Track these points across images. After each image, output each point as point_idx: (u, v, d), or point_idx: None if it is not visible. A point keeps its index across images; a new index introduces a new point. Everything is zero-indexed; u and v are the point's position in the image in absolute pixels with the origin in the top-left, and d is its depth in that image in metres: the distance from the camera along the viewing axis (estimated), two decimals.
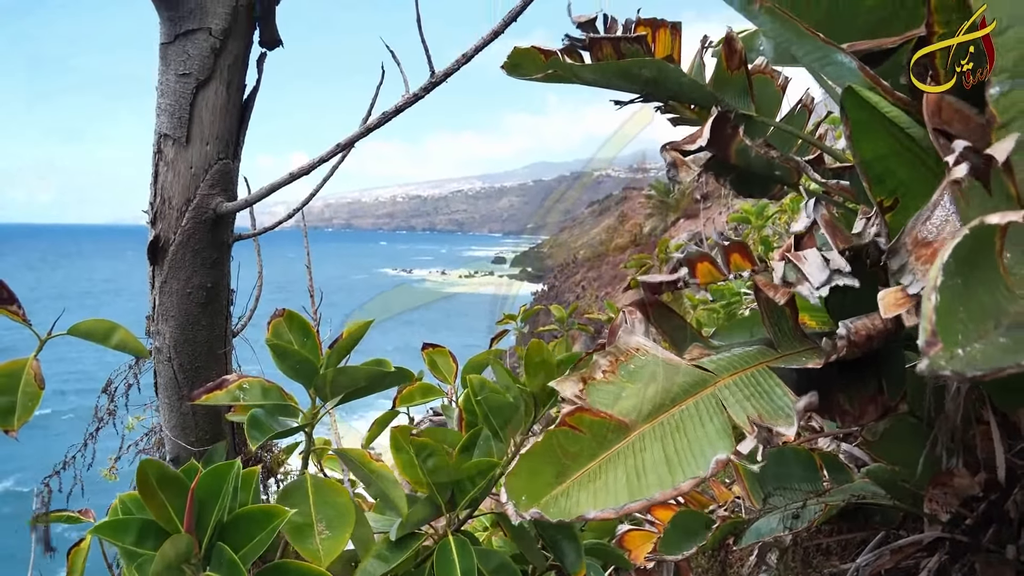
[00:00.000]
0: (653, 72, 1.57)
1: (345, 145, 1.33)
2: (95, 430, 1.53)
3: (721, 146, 1.62)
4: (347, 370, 1.19)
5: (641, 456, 0.85)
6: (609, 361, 1.02)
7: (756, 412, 0.90)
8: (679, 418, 0.91)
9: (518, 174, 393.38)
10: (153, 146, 1.38)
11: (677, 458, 0.84)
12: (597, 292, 19.24)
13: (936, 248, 0.82)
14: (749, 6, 0.98)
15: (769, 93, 1.83)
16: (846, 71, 0.97)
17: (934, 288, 0.56)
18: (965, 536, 1.42)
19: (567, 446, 0.87)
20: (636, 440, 0.88)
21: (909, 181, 0.94)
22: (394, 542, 1.16)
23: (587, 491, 0.82)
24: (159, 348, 1.44)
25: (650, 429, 0.89)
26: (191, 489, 0.88)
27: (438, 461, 1.16)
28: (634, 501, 0.79)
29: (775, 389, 0.96)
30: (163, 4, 1.30)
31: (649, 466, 0.83)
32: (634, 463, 0.84)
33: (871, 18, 1.02)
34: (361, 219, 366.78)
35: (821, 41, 0.96)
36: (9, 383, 1.19)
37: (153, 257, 1.38)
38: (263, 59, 1.44)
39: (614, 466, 0.84)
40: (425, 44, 1.24)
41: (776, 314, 1.08)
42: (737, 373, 1.00)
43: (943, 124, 0.82)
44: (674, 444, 0.86)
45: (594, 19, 1.73)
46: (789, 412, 0.91)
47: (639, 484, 0.81)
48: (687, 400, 0.94)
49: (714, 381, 0.98)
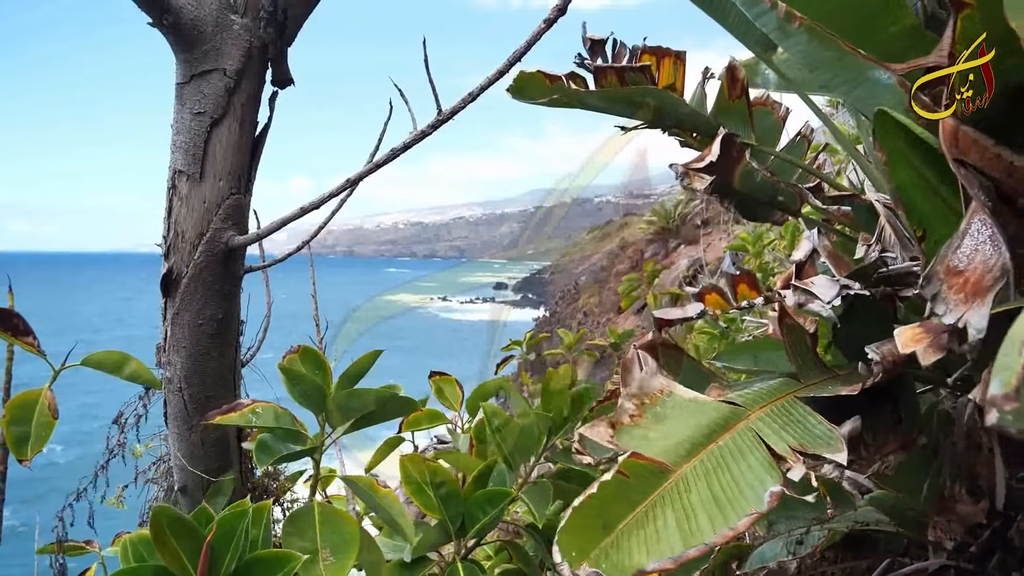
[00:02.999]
0: (656, 101, 1.59)
1: (354, 181, 1.37)
2: (106, 461, 1.55)
3: (727, 168, 1.64)
4: (358, 392, 1.21)
5: (687, 497, 0.82)
6: (635, 404, 1.00)
7: (796, 442, 0.88)
8: (719, 455, 0.88)
9: (519, 200, 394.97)
10: (167, 181, 1.42)
11: (725, 496, 0.80)
12: (599, 318, 19.23)
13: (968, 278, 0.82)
14: (787, 25, 0.99)
15: (769, 123, 1.87)
16: (881, 89, 0.97)
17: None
18: (970, 564, 1.42)
19: (610, 495, 0.83)
20: (679, 481, 0.84)
21: (929, 213, 0.96)
22: (403, 567, 1.17)
23: (637, 539, 0.78)
24: (170, 378, 1.46)
25: (691, 469, 0.86)
26: (206, 542, 0.88)
27: (450, 488, 1.18)
28: (692, 547, 0.75)
29: (808, 418, 0.94)
30: (180, 46, 1.35)
31: (698, 507, 0.80)
32: (681, 505, 0.80)
33: (893, 47, 1.03)
34: (363, 246, 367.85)
35: (861, 58, 0.96)
36: (24, 414, 1.21)
37: (166, 289, 1.41)
38: (275, 97, 1.49)
39: (661, 510, 0.80)
40: (432, 83, 1.29)
41: (799, 344, 1.08)
42: (766, 405, 0.99)
43: (961, 154, 0.84)
44: (719, 481, 0.83)
45: (605, 40, 1.75)
46: (831, 438, 0.90)
47: (690, 528, 0.77)
48: (723, 436, 0.91)
49: (746, 415, 0.96)
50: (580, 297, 23.34)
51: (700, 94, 1.85)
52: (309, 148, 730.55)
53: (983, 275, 0.82)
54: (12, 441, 1.15)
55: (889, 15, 1.05)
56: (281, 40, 1.42)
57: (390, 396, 1.21)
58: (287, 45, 1.44)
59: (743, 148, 1.60)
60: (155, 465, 1.65)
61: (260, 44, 1.39)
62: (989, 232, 0.83)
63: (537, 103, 1.71)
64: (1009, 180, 0.87)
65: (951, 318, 0.83)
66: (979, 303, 0.81)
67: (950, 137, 0.85)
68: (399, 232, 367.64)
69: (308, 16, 1.46)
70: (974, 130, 0.85)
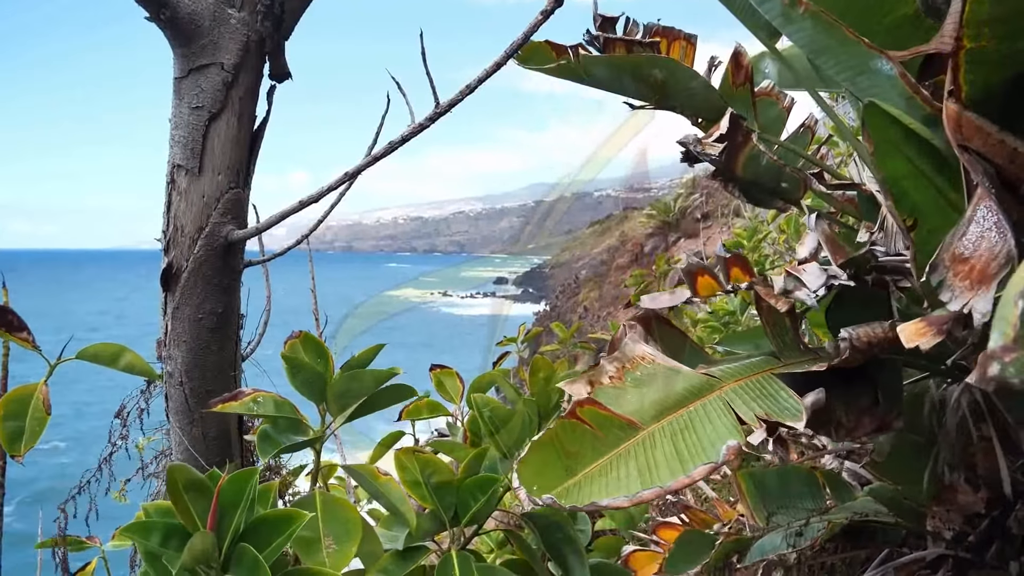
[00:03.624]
0: (664, 73, 1.56)
1: (352, 175, 1.37)
2: (109, 454, 1.56)
3: (732, 151, 1.62)
4: (358, 374, 1.23)
5: (651, 453, 0.86)
6: (616, 368, 1.03)
7: (763, 411, 0.91)
8: (688, 418, 0.92)
9: (519, 194, 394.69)
10: (166, 176, 1.42)
11: (687, 452, 0.85)
12: (599, 312, 19.23)
13: (974, 265, 0.83)
14: (791, 11, 0.99)
15: (774, 113, 1.85)
16: (883, 79, 0.97)
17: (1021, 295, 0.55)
18: (968, 553, 1.43)
19: (574, 442, 0.88)
20: (645, 438, 0.89)
21: (921, 202, 0.97)
22: (398, 556, 1.19)
23: (599, 484, 0.83)
24: (171, 373, 1.46)
25: (659, 428, 0.90)
26: (216, 491, 0.92)
27: (442, 478, 1.19)
28: (647, 489, 0.80)
29: (780, 392, 0.97)
30: (177, 40, 1.35)
31: (660, 461, 0.84)
32: (645, 459, 0.85)
33: (890, 37, 1.03)
34: (362, 241, 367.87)
35: (865, 46, 0.96)
36: (18, 409, 1.21)
37: (166, 284, 1.42)
38: (273, 91, 1.48)
39: (624, 462, 0.85)
40: (430, 76, 1.29)
41: (778, 325, 1.10)
42: (742, 379, 1.02)
43: (965, 140, 0.84)
44: (684, 441, 0.87)
45: (616, 19, 1.71)
46: (796, 410, 0.93)
47: (649, 477, 0.82)
48: (695, 402, 0.95)
49: (720, 385, 1.00)
50: (580, 291, 23.35)
51: (706, 80, 1.82)
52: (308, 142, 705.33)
53: (989, 262, 0.83)
54: (5, 437, 1.15)
55: (888, 3, 1.05)
56: (278, 34, 1.42)
57: (388, 376, 1.22)
58: (284, 39, 1.44)
59: (749, 132, 1.59)
60: (157, 459, 1.66)
61: (257, 38, 1.39)
62: (995, 219, 0.83)
63: (542, 71, 1.67)
64: (1012, 166, 0.87)
65: (957, 304, 0.83)
66: (985, 289, 0.82)
67: (954, 123, 0.85)
68: (398, 227, 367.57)
69: (305, 10, 1.46)
70: (978, 116, 0.84)
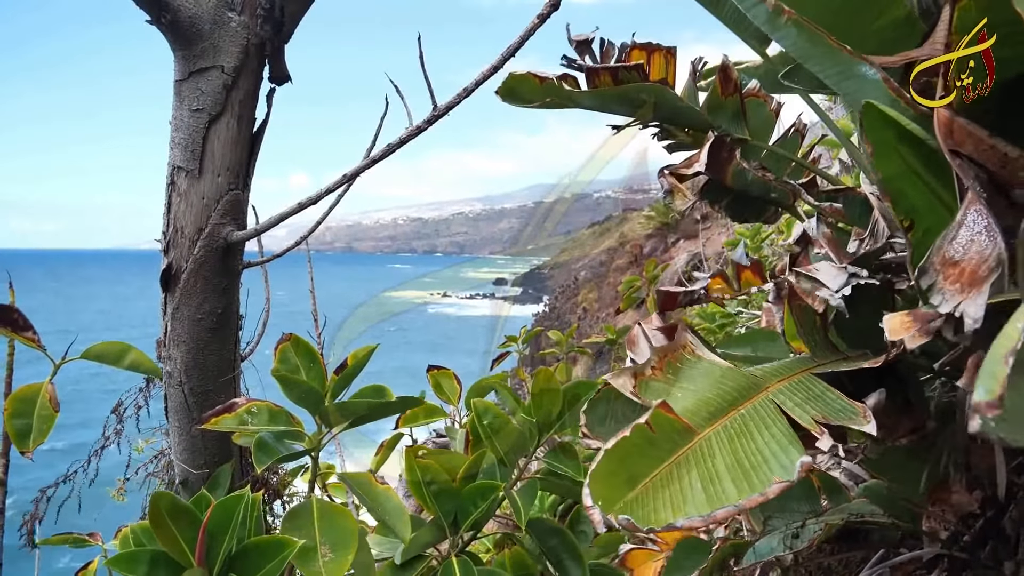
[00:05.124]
0: (652, 97, 1.59)
1: (351, 176, 1.38)
2: (100, 448, 1.56)
3: (718, 169, 1.66)
4: (349, 404, 1.22)
5: (712, 461, 0.83)
6: (658, 358, 1.01)
7: (818, 414, 0.89)
8: (741, 422, 0.89)
9: (518, 196, 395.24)
10: (167, 177, 1.43)
11: (749, 463, 0.82)
12: (598, 313, 19.24)
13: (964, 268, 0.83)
14: (776, 19, 0.99)
15: (762, 116, 1.87)
16: (868, 84, 0.97)
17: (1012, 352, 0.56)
18: (963, 553, 1.44)
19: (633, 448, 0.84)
20: (702, 443, 0.86)
21: (917, 204, 0.97)
22: (399, 566, 1.18)
23: (662, 496, 0.80)
24: (170, 373, 1.47)
25: (714, 433, 0.87)
26: (203, 525, 0.90)
27: (441, 485, 1.19)
28: (721, 508, 0.77)
29: (827, 393, 0.96)
30: (178, 43, 1.36)
31: (723, 472, 0.81)
32: (706, 468, 0.82)
33: (879, 39, 1.04)
34: (362, 242, 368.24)
35: (847, 54, 0.97)
36: (25, 407, 1.23)
37: (165, 284, 1.43)
38: (272, 94, 1.49)
39: (686, 471, 0.82)
40: (427, 79, 1.30)
41: (809, 324, 1.09)
42: (784, 379, 1.00)
43: (956, 145, 0.84)
44: (743, 448, 0.84)
45: (591, 40, 1.73)
46: (853, 412, 0.91)
47: (714, 491, 0.79)
48: (745, 404, 0.93)
49: (765, 385, 0.98)
50: (579, 292, 23.36)
51: (692, 88, 1.85)
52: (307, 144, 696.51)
53: (979, 265, 0.83)
54: (14, 434, 1.17)
55: (879, 6, 1.06)
56: (278, 37, 1.43)
57: (380, 404, 1.21)
58: (284, 42, 1.45)
59: (733, 149, 1.61)
60: (156, 459, 1.67)
61: (257, 41, 1.40)
62: (985, 223, 0.84)
63: (529, 106, 1.69)
64: (1003, 171, 0.88)
65: (947, 307, 0.83)
66: (975, 293, 0.82)
67: (945, 128, 0.86)
68: (398, 228, 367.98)
69: (305, 13, 1.47)
70: (968, 121, 0.85)
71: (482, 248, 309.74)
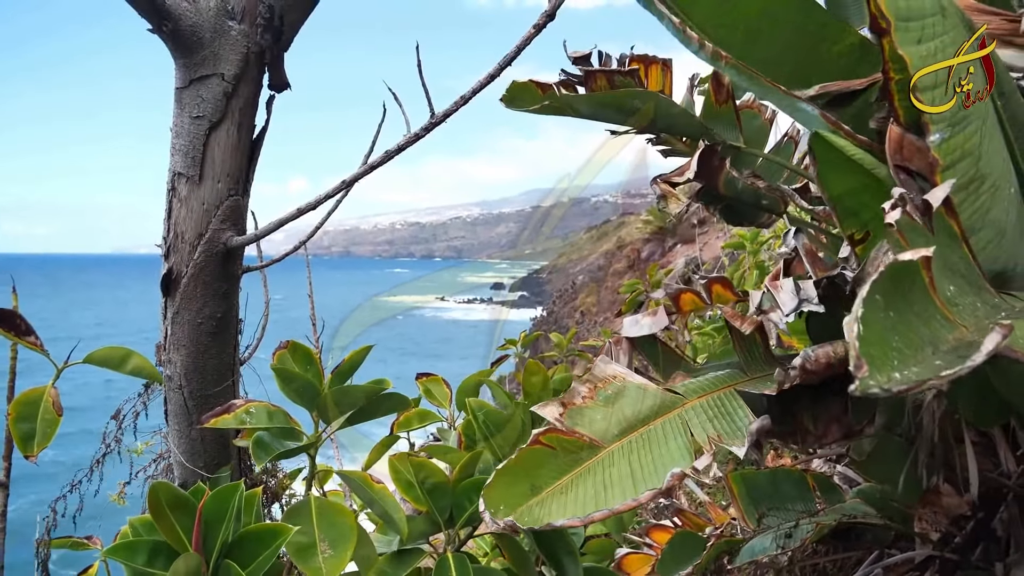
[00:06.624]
0: (646, 103, 1.63)
1: (350, 182, 1.40)
2: (102, 455, 1.58)
3: (709, 177, 1.69)
4: (348, 389, 1.24)
5: (609, 471, 0.92)
6: (588, 388, 1.10)
7: (716, 433, 0.97)
8: (646, 437, 0.98)
9: (515, 200, 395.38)
10: (167, 184, 1.45)
11: (641, 472, 0.91)
12: (596, 317, 19.26)
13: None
14: (716, 62, 1.06)
15: (756, 126, 1.90)
16: (810, 116, 1.04)
17: (856, 319, 0.62)
18: (955, 554, 1.46)
19: (540, 463, 0.95)
20: (606, 457, 0.95)
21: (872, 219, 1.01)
22: (394, 558, 1.20)
23: (558, 503, 0.89)
24: (170, 376, 1.49)
25: (619, 447, 0.97)
26: (199, 511, 0.92)
27: (436, 481, 1.21)
28: (597, 511, 0.86)
29: (737, 411, 1.02)
30: (179, 51, 1.38)
31: (615, 480, 0.90)
32: (602, 477, 0.92)
33: (838, 65, 1.10)
34: (360, 246, 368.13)
35: (782, 93, 1.04)
36: (29, 411, 1.24)
37: (166, 289, 1.44)
38: (272, 101, 1.51)
39: (584, 480, 0.92)
40: (425, 87, 1.32)
41: (747, 340, 1.14)
42: (704, 396, 1.07)
43: (904, 161, 0.89)
44: (639, 460, 0.93)
45: (589, 55, 1.79)
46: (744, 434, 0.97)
47: (604, 496, 0.88)
48: (655, 421, 1.02)
49: (682, 403, 1.05)
50: (577, 297, 23.39)
51: (688, 100, 1.88)
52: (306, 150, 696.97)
53: None
54: (19, 438, 1.18)
55: (834, 34, 1.12)
56: (278, 46, 1.45)
57: (377, 390, 1.24)
58: (284, 50, 1.47)
59: (724, 158, 1.64)
60: (155, 462, 1.68)
61: (257, 50, 1.42)
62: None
63: (529, 111, 1.74)
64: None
65: None
66: None
67: (895, 144, 0.92)
68: (396, 232, 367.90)
69: (304, 22, 1.49)
70: (917, 138, 0.91)
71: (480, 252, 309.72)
